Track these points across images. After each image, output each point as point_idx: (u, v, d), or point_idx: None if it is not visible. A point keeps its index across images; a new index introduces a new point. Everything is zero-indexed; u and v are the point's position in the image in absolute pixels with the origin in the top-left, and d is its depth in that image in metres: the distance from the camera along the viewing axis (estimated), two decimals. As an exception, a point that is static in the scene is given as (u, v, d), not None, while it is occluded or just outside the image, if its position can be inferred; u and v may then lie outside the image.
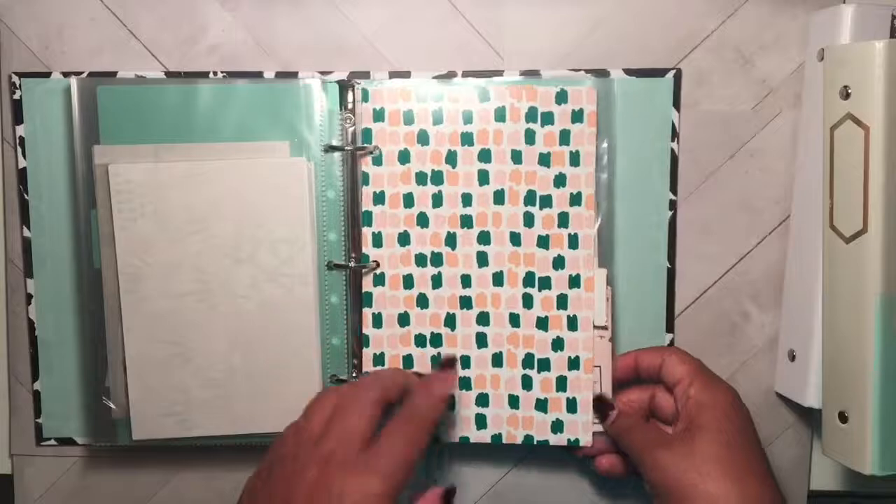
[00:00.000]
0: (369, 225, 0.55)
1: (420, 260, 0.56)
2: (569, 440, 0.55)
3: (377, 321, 0.56)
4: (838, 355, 0.49)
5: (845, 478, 0.59)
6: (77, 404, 0.58)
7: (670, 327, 0.57)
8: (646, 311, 0.57)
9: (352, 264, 0.56)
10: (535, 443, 0.56)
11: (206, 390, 0.55)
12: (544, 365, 0.55)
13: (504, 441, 0.56)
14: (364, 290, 0.56)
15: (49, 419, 0.58)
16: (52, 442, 0.58)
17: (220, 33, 0.57)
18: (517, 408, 0.56)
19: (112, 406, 0.56)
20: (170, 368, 0.55)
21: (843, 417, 0.48)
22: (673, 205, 0.57)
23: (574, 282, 0.55)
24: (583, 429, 0.55)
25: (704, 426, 0.48)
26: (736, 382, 0.58)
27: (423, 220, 0.55)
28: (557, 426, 0.55)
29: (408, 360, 0.56)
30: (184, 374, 0.55)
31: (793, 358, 0.55)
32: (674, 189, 0.57)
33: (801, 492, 0.59)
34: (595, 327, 0.55)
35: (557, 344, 0.55)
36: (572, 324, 0.55)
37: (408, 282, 0.56)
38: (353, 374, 0.56)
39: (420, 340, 0.56)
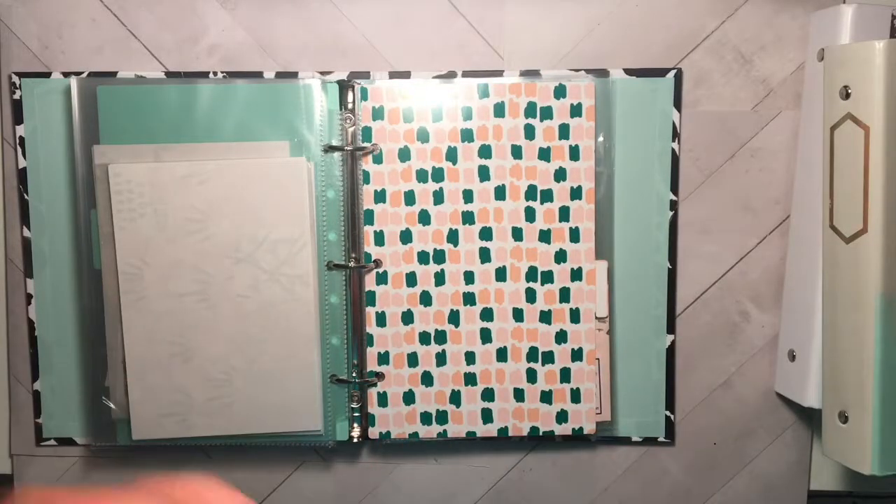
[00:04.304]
0: (371, 223, 0.55)
1: (422, 257, 0.56)
2: (573, 430, 0.56)
3: (381, 320, 0.56)
4: (838, 355, 0.49)
5: (845, 478, 0.59)
6: (77, 404, 0.58)
7: (671, 327, 0.57)
8: (646, 311, 0.57)
9: (351, 264, 0.56)
10: (540, 434, 0.56)
11: (206, 390, 0.55)
12: (548, 358, 0.56)
13: (510, 434, 0.56)
14: (367, 288, 0.56)
15: (49, 419, 0.58)
16: (52, 442, 0.58)
17: (220, 33, 0.57)
18: (522, 400, 0.56)
19: (112, 406, 0.56)
20: (170, 368, 0.55)
21: (843, 417, 0.49)
22: (673, 205, 0.57)
23: (576, 275, 0.56)
24: (587, 418, 0.56)
25: None
26: (736, 382, 0.58)
27: (424, 218, 0.55)
28: (562, 416, 0.56)
29: (412, 357, 0.56)
30: (184, 374, 0.55)
31: (793, 358, 0.55)
32: (674, 189, 0.57)
33: (801, 492, 0.59)
34: (595, 318, 0.56)
35: (561, 336, 0.56)
36: (575, 316, 0.56)
37: (410, 279, 0.56)
38: (353, 375, 0.56)
39: (424, 338, 0.56)
